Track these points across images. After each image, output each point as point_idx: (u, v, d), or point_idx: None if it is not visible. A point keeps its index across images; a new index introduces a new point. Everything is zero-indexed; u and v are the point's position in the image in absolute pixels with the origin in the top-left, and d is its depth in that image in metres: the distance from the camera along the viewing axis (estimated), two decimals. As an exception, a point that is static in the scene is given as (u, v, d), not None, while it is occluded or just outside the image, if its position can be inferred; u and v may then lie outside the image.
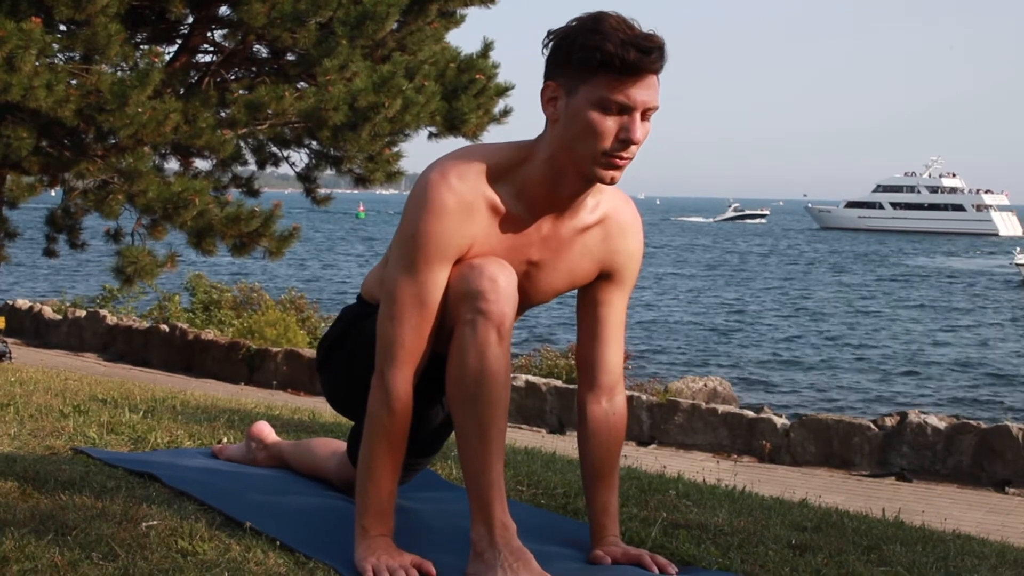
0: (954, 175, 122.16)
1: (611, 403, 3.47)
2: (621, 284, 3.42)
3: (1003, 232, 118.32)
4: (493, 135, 13.57)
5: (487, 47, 13.32)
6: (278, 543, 3.25)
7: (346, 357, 3.60)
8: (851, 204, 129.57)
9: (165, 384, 11.31)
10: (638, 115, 3.06)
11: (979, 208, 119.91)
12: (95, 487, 3.75)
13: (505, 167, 3.19)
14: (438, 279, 3.15)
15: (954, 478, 12.44)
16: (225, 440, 5.04)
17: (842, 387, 26.70)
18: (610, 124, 3.05)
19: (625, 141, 3.06)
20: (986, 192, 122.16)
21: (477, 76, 12.95)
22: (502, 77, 13.47)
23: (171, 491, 3.82)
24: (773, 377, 27.81)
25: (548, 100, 3.14)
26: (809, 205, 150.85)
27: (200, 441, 5.04)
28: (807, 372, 28.79)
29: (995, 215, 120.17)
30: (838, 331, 37.91)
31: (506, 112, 13.62)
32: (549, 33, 3.14)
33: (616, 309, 3.44)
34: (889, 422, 13.26)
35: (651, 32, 3.05)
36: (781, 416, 14.26)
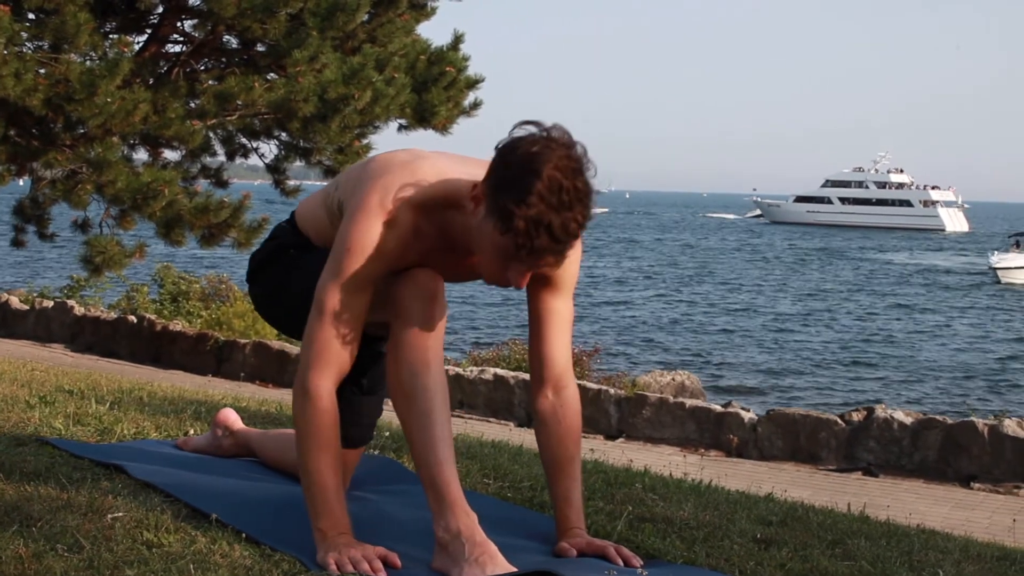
0: (902, 171, 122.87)
1: (558, 396, 3.57)
2: (560, 289, 3.52)
3: (949, 228, 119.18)
4: (463, 127, 13.59)
5: (457, 40, 13.33)
6: (244, 535, 3.26)
7: (274, 283, 3.75)
8: (800, 199, 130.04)
9: (132, 375, 11.28)
10: (531, 272, 3.18)
11: (926, 204, 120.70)
12: (61, 478, 3.74)
13: (436, 204, 3.30)
14: (365, 296, 3.28)
15: (920, 473, 12.48)
16: (192, 432, 5.03)
17: (810, 382, 26.77)
18: (503, 267, 3.16)
19: (509, 286, 3.19)
20: (933, 188, 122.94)
21: (447, 69, 12.95)
22: (472, 70, 13.48)
23: (137, 483, 3.81)
24: (741, 372, 27.87)
25: (474, 196, 3.18)
26: (758, 199, 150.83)
27: (167, 432, 5.03)
28: (776, 367, 28.85)
29: (942, 211, 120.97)
30: (806, 327, 38.00)
31: (476, 105, 13.62)
32: (498, 146, 3.14)
33: (558, 308, 3.54)
34: (856, 417, 13.29)
35: (583, 209, 3.07)
36: (749, 410, 14.27)
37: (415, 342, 3.28)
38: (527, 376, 15.02)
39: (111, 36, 12.42)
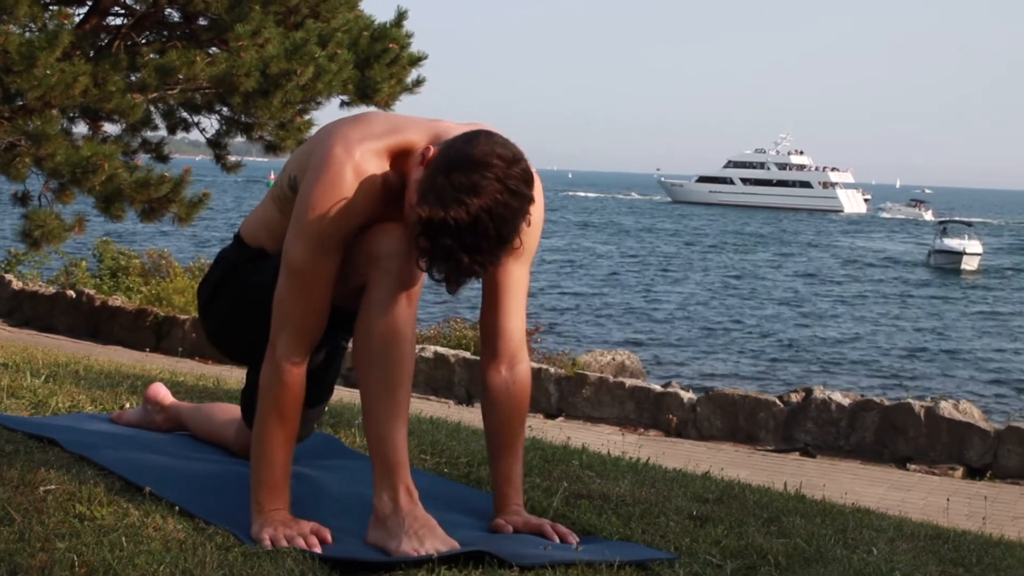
0: (802, 152, 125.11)
1: (511, 371, 3.49)
2: (521, 254, 3.37)
3: (848, 209, 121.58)
4: (405, 104, 13.51)
5: (401, 16, 13.26)
6: (177, 508, 3.24)
7: (228, 305, 3.62)
8: (703, 179, 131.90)
9: (70, 350, 11.20)
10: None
11: (825, 185, 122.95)
12: (-7, 451, 3.71)
13: (398, 152, 3.20)
14: (336, 255, 3.19)
15: (857, 454, 12.58)
16: (127, 405, 5.00)
17: (750, 364, 26.88)
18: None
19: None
20: (832, 170, 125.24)
21: (390, 45, 12.89)
22: (415, 47, 13.42)
23: (70, 456, 3.79)
24: (681, 352, 27.96)
25: (423, 159, 3.09)
26: (662, 179, 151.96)
27: (102, 406, 5.00)
28: (716, 349, 28.96)
29: (840, 192, 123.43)
30: (749, 310, 38.16)
31: (419, 82, 13.57)
32: (449, 154, 3.03)
33: (516, 278, 3.44)
34: (794, 398, 13.38)
35: (489, 258, 3.01)
36: (688, 391, 14.33)
37: (390, 306, 3.17)
38: (467, 354, 15.02)
39: (51, 8, 12.29)
